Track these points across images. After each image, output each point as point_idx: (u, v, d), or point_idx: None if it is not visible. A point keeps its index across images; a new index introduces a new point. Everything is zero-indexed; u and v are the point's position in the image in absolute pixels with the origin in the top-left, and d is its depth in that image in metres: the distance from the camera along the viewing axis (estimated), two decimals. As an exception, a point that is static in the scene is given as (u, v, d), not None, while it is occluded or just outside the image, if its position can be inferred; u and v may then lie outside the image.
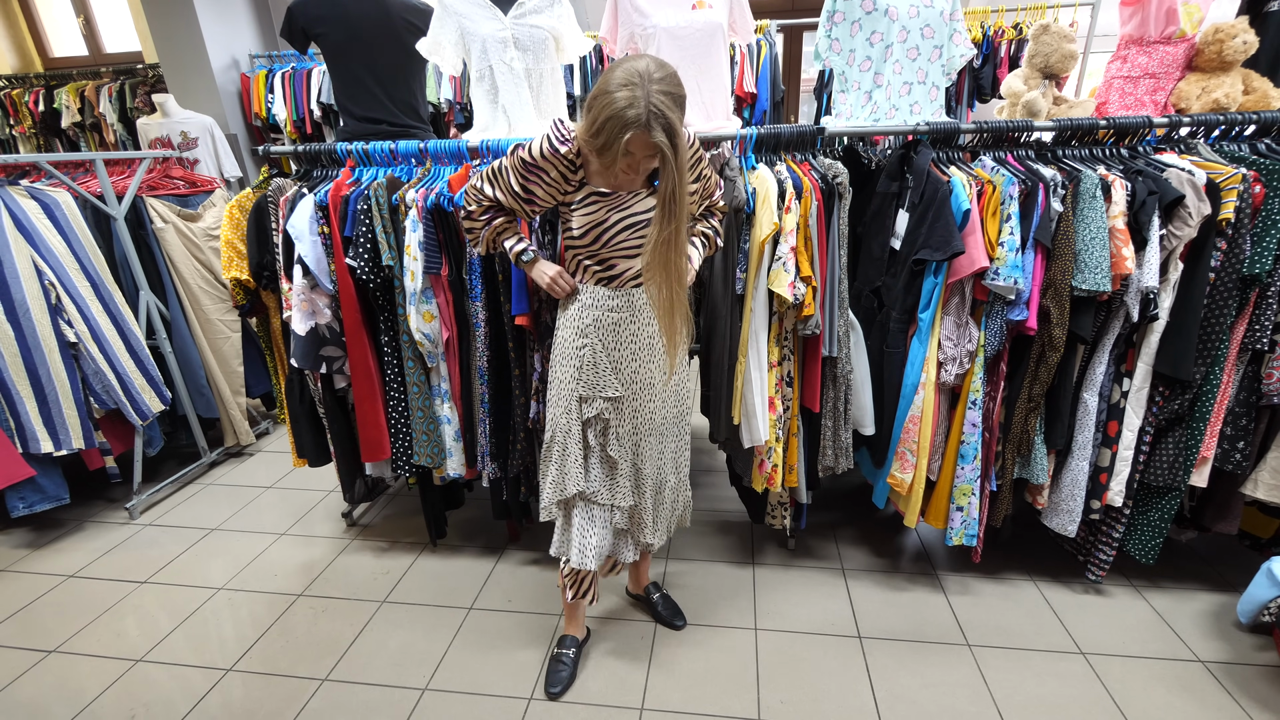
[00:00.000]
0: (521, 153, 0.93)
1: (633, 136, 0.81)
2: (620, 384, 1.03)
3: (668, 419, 1.09)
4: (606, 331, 1.01)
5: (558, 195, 0.95)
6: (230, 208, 1.44)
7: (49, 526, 1.75)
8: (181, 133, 2.70)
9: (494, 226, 1.02)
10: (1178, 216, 1.10)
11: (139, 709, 1.15)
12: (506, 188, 0.96)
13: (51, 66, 3.77)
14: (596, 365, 1.01)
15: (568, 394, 1.03)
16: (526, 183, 0.94)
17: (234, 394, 2.08)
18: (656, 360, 1.05)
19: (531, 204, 0.96)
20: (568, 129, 0.92)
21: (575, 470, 1.04)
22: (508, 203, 0.98)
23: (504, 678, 1.19)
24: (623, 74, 0.80)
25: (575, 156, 0.92)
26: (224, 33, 2.98)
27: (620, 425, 1.05)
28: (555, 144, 0.91)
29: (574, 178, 0.94)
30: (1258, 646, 1.21)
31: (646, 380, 1.04)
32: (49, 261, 1.59)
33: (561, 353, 1.04)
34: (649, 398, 1.05)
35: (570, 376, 1.03)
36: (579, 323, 1.02)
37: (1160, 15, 1.35)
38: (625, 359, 1.03)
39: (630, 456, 1.07)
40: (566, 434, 1.04)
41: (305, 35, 1.62)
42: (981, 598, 1.37)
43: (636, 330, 1.02)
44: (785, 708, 1.11)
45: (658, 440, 1.09)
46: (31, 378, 1.57)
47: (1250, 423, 1.17)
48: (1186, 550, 1.48)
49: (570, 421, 1.03)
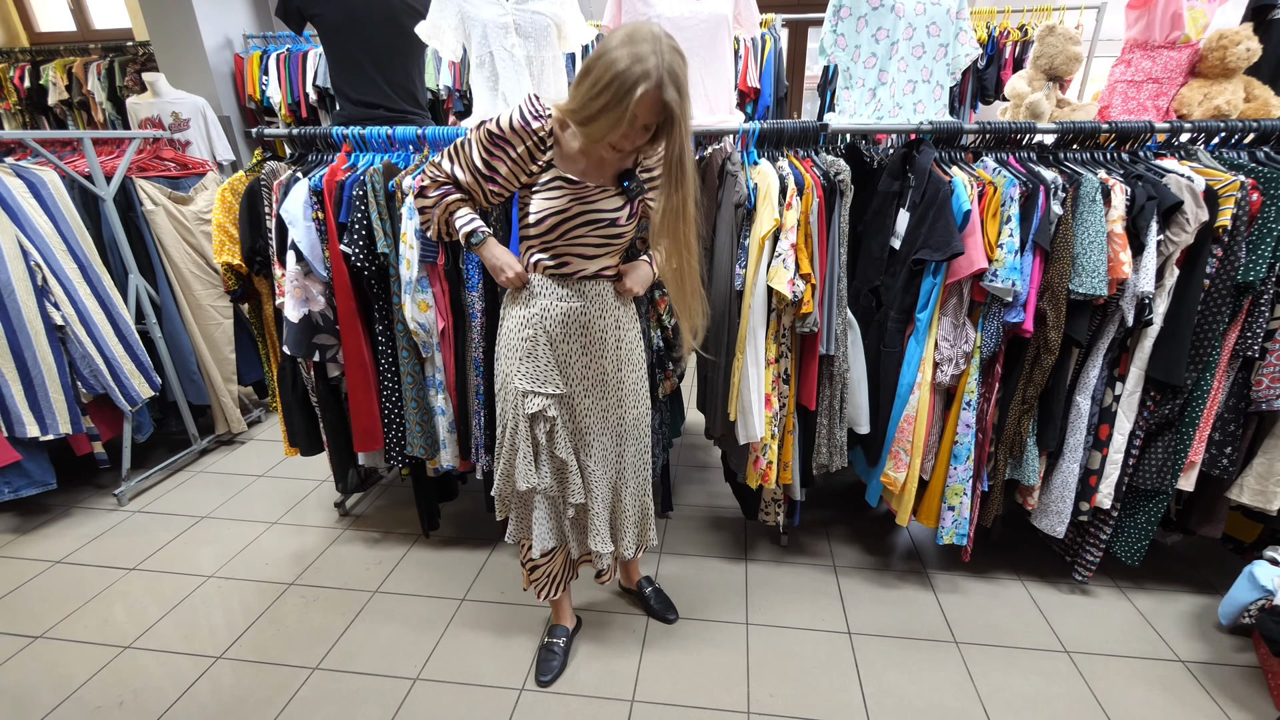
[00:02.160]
0: (489, 125, 0.87)
1: (644, 94, 0.74)
2: (565, 380, 0.98)
3: (625, 420, 1.03)
4: (554, 322, 0.96)
5: (521, 175, 0.89)
6: (222, 191, 1.41)
7: (36, 512, 1.73)
8: (173, 113, 2.64)
9: (445, 204, 0.93)
10: (1175, 222, 1.10)
11: (127, 695, 1.14)
12: (468, 162, 0.89)
13: (38, 42, 3.67)
14: (537, 358, 0.96)
15: (513, 388, 0.98)
16: (490, 158, 0.88)
17: (225, 381, 2.05)
18: (610, 356, 0.99)
19: (493, 182, 0.90)
20: (543, 105, 0.87)
21: (525, 467, 0.99)
22: (467, 180, 0.91)
23: (495, 668, 1.20)
24: (627, 33, 0.75)
25: (547, 136, 0.87)
26: (217, 11, 2.91)
27: (567, 423, 1.00)
28: (528, 117, 0.85)
29: (541, 157, 0.88)
30: (1237, 648, 1.24)
31: (598, 377, 0.99)
32: (35, 242, 1.56)
33: (506, 344, 0.99)
34: (601, 395, 1.00)
35: (514, 370, 0.97)
36: (524, 313, 0.96)
37: (1165, 20, 1.34)
38: (574, 353, 0.98)
39: (578, 456, 1.03)
40: (513, 430, 0.99)
41: (301, 15, 1.58)
42: (970, 596, 1.39)
43: (588, 323, 0.97)
44: (774, 701, 1.12)
45: (614, 441, 1.04)
46: (17, 361, 1.54)
47: (1239, 429, 1.19)
48: (1171, 553, 1.51)
49: (518, 418, 0.98)
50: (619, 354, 1.01)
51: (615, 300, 1.00)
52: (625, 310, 1.02)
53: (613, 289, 0.99)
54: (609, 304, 0.98)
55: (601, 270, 0.97)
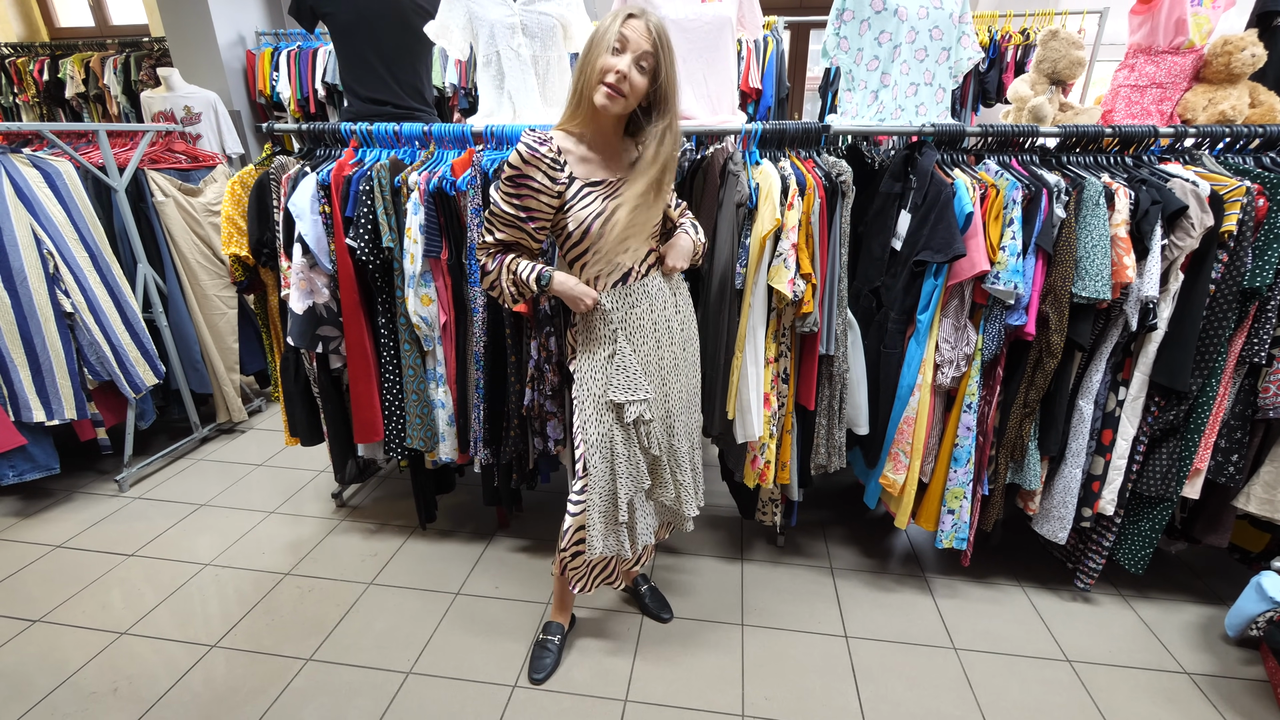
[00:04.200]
0: (501, 178, 0.93)
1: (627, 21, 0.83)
2: (650, 381, 1.02)
3: (689, 390, 1.10)
4: (633, 330, 1.00)
5: (550, 199, 0.93)
6: (232, 183, 1.43)
7: (38, 496, 1.75)
8: (185, 107, 2.69)
9: (506, 267, 0.96)
10: (1180, 227, 1.09)
11: (122, 682, 1.14)
12: (504, 217, 0.94)
13: (58, 36, 3.75)
14: (627, 368, 0.99)
15: (604, 404, 1.00)
16: (520, 198, 0.92)
17: (228, 370, 2.07)
18: (677, 338, 1.05)
19: (532, 220, 0.94)
20: (541, 130, 0.92)
21: (628, 480, 1.02)
22: (509, 237, 0.95)
23: (489, 664, 1.19)
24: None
25: (557, 154, 0.91)
26: (231, 9, 2.96)
27: (656, 420, 1.04)
28: (534, 145, 0.90)
29: (560, 176, 0.92)
30: (1244, 660, 1.21)
31: (672, 363, 1.05)
32: (48, 230, 1.58)
33: (589, 365, 1.01)
34: (676, 377, 1.06)
35: (601, 391, 1.00)
36: (602, 333, 1.00)
37: (1169, 25, 1.34)
38: (651, 350, 1.02)
39: (667, 444, 1.08)
40: (610, 447, 1.01)
41: (314, 14, 1.61)
42: (969, 601, 1.37)
43: (656, 319, 1.02)
44: (770, 704, 1.11)
45: (686, 414, 1.10)
46: (26, 346, 1.56)
47: (1245, 436, 1.17)
48: (1176, 561, 1.48)
49: (614, 436, 1.01)
50: (684, 333, 1.08)
51: (667, 286, 1.04)
52: (679, 290, 1.08)
53: (661, 275, 1.04)
54: (665, 292, 1.04)
55: (648, 260, 1.01)
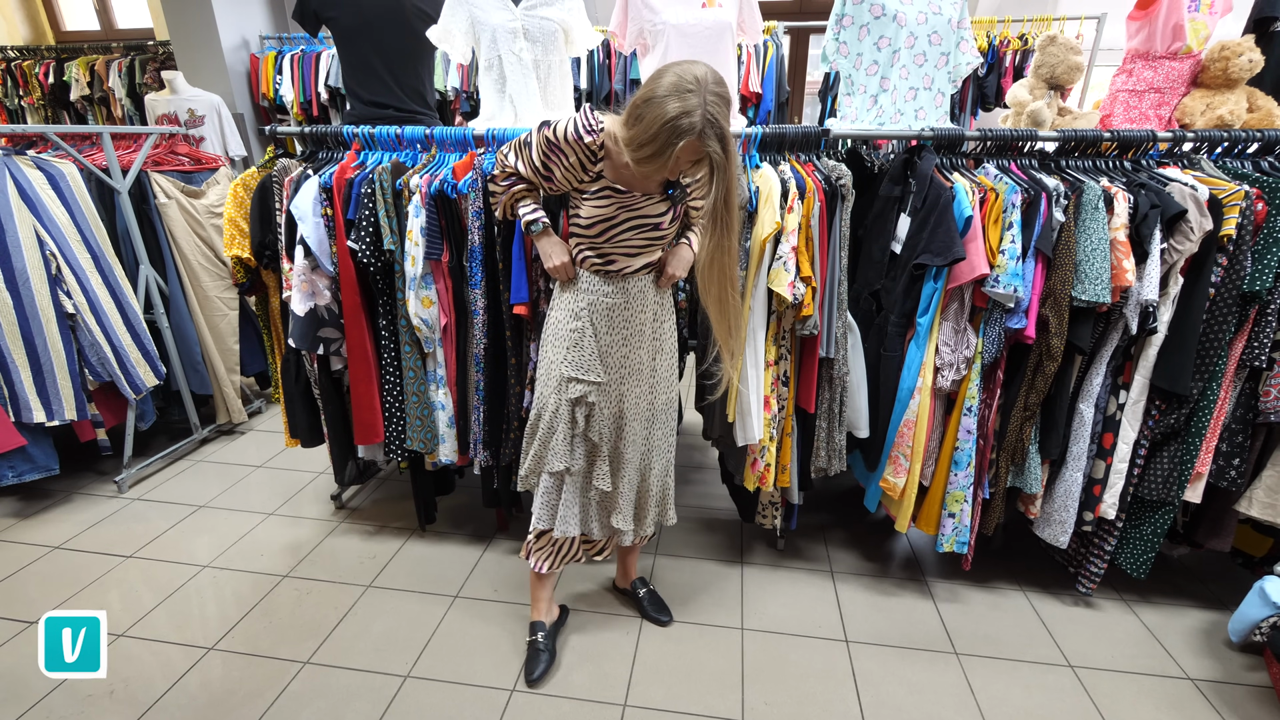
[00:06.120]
0: (547, 131, 0.94)
1: (685, 144, 0.80)
2: (606, 369, 1.05)
3: (655, 405, 1.10)
4: (600, 316, 1.03)
5: (573, 181, 0.97)
6: (235, 186, 1.44)
7: (37, 496, 1.74)
8: (189, 110, 2.70)
9: (512, 193, 1.03)
10: (1179, 231, 1.10)
11: (118, 684, 1.14)
12: (529, 160, 0.98)
13: (63, 40, 3.78)
14: (583, 348, 1.03)
15: (557, 374, 1.05)
16: (547, 160, 0.95)
17: (229, 371, 2.07)
18: (646, 346, 1.07)
19: (549, 181, 0.98)
20: (596, 119, 0.92)
21: (562, 448, 1.06)
22: (528, 174, 1.00)
23: (487, 668, 1.18)
24: (675, 79, 0.79)
25: (598, 149, 0.93)
26: (235, 13, 2.99)
27: (604, 409, 1.07)
28: (581, 131, 0.91)
29: (592, 168, 0.95)
30: (1248, 666, 1.21)
31: (635, 366, 1.06)
32: (51, 232, 1.59)
33: (554, 332, 1.06)
34: (636, 382, 1.07)
35: (560, 358, 1.04)
36: (573, 305, 1.04)
37: (1167, 31, 1.35)
38: (615, 344, 1.05)
39: (611, 439, 1.09)
40: (554, 413, 1.06)
41: (317, 18, 1.63)
42: (970, 606, 1.36)
43: (629, 316, 1.04)
44: (769, 709, 1.10)
45: (644, 425, 1.11)
46: (28, 347, 1.56)
47: (1246, 440, 1.17)
48: (1178, 566, 1.48)
49: (559, 401, 1.05)
50: (655, 343, 1.09)
51: (655, 293, 1.07)
52: (663, 301, 1.10)
53: (652, 282, 1.06)
54: (649, 297, 1.06)
55: (644, 266, 1.03)
